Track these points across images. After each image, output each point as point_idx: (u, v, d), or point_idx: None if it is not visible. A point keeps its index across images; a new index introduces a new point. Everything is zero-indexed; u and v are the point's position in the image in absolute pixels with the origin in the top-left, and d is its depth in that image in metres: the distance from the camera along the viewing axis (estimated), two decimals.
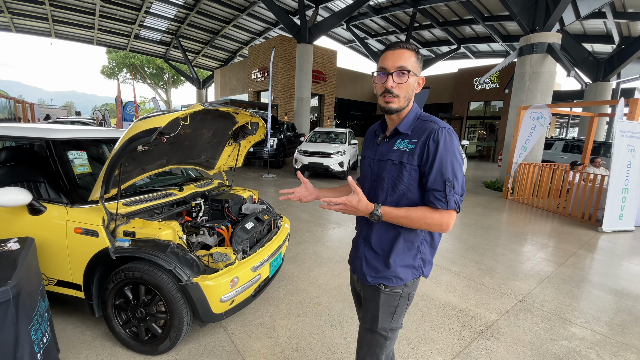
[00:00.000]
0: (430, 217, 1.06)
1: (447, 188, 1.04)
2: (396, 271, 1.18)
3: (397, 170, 1.12)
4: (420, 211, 1.07)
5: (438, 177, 1.05)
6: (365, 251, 1.25)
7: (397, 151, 1.13)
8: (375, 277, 1.21)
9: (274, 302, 2.68)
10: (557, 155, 11.56)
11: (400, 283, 1.19)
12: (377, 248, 1.21)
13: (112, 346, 2.05)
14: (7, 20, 17.65)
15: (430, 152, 1.05)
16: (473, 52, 19.18)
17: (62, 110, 29.28)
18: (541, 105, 7.24)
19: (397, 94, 1.09)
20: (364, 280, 1.24)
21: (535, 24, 7.98)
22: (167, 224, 2.00)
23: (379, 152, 1.21)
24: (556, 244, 4.58)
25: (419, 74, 1.13)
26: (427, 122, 1.12)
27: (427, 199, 1.09)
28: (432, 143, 1.05)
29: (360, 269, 1.26)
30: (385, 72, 1.09)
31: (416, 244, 1.18)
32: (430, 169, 1.05)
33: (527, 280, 3.32)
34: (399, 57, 1.07)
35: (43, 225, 2.02)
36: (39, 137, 2.23)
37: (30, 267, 1.63)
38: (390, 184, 1.14)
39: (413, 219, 1.07)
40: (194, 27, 19.62)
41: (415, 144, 1.09)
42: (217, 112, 2.35)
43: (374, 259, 1.22)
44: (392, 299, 1.20)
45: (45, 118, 15.84)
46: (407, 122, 1.15)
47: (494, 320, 2.56)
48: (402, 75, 1.07)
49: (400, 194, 1.13)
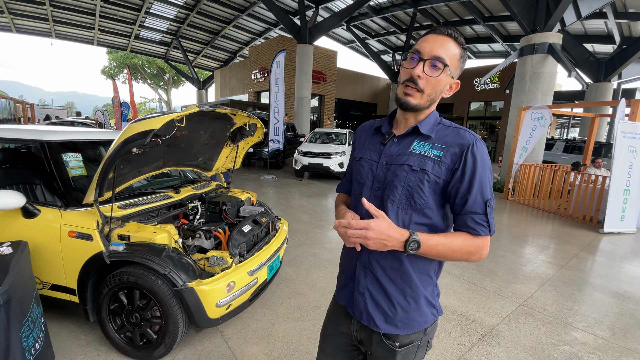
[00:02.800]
0: (472, 245, 0.87)
1: (487, 210, 0.87)
2: (414, 313, 0.95)
3: (416, 179, 0.89)
4: (460, 238, 0.87)
5: (479, 197, 0.86)
6: (368, 284, 0.97)
7: (417, 155, 0.91)
8: (385, 322, 0.95)
9: (271, 305, 2.65)
10: (558, 156, 11.53)
11: (419, 329, 0.96)
12: (386, 281, 0.95)
13: (107, 351, 2.02)
14: (7, 20, 17.65)
15: (468, 168, 0.86)
16: (473, 52, 19.15)
17: (63, 111, 29.31)
18: (542, 105, 7.21)
19: (421, 88, 0.88)
20: (371, 325, 0.97)
21: (536, 24, 7.94)
22: (163, 228, 1.98)
23: (387, 154, 0.96)
24: (557, 245, 4.54)
25: (456, 77, 0.92)
26: (455, 128, 0.93)
27: (462, 223, 0.88)
28: (470, 157, 0.86)
29: (364, 309, 0.98)
30: (418, 57, 0.87)
31: (432, 275, 0.97)
32: (469, 189, 0.86)
33: (528, 283, 3.29)
34: (441, 44, 0.87)
35: (37, 229, 1.99)
36: (33, 139, 2.20)
37: (23, 271, 1.60)
38: (404, 195, 0.91)
39: (455, 249, 0.86)
40: (194, 28, 19.61)
41: (444, 152, 0.89)
42: (214, 113, 2.33)
43: (382, 296, 0.96)
44: (409, 355, 0.97)
45: (45, 119, 15.84)
46: (429, 123, 0.94)
47: (494, 325, 2.53)
48: (436, 69, 0.87)
49: (416, 209, 0.91)
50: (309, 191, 7.55)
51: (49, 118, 16.20)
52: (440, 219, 0.93)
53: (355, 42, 19.21)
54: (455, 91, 0.94)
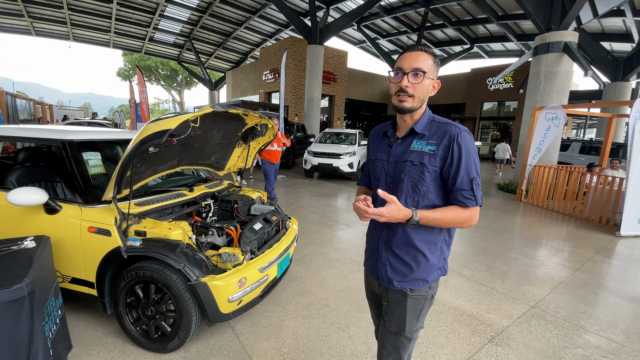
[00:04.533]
0: (463, 216, 1.12)
1: (474, 186, 1.10)
2: (422, 274, 1.20)
3: (417, 172, 1.13)
4: (453, 211, 1.11)
5: (465, 177, 1.09)
6: (388, 256, 1.24)
7: (416, 152, 1.14)
8: (401, 282, 1.21)
9: (281, 302, 2.69)
10: (574, 157, 11.26)
11: (426, 285, 1.21)
12: (401, 252, 1.21)
13: (123, 343, 2.09)
14: (27, 24, 18.26)
15: (455, 155, 1.09)
16: (486, 51, 18.88)
17: (80, 112, 30.12)
18: (556, 105, 7.06)
19: (411, 94, 1.11)
20: (389, 286, 1.24)
21: (551, 22, 7.79)
22: (177, 224, 2.04)
23: (394, 154, 1.20)
24: (572, 248, 4.45)
25: (435, 78, 1.15)
26: (444, 124, 1.15)
27: (454, 198, 1.12)
28: (455, 146, 1.09)
29: (385, 274, 1.25)
30: (401, 72, 1.11)
31: (439, 244, 1.21)
32: (457, 171, 1.10)
33: (541, 286, 3.24)
34: (416, 58, 1.10)
35: (58, 224, 2.08)
36: (55, 138, 2.30)
37: (45, 265, 1.68)
38: (410, 186, 1.15)
39: (449, 219, 1.11)
40: (206, 30, 19.91)
41: (436, 146, 1.12)
42: (226, 114, 2.38)
43: (399, 264, 1.22)
44: (418, 302, 1.22)
45: (63, 119, 16.33)
46: (422, 123, 1.17)
47: (505, 326, 2.51)
48: (418, 76, 1.09)
49: (421, 195, 1.15)
50: (319, 191, 7.58)
51: (66, 118, 16.70)
52: (440, 199, 1.16)
53: (365, 42, 19.17)
54: (438, 89, 1.18)
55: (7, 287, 1.29)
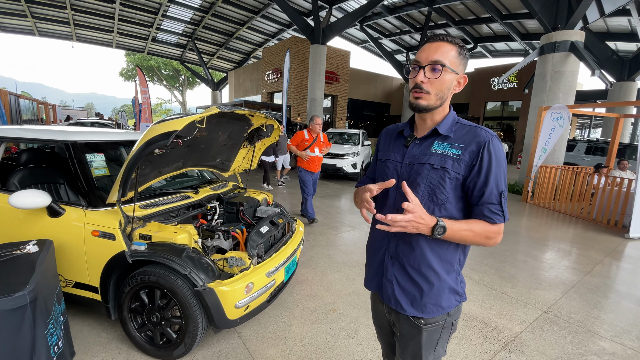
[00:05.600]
0: (490, 231, 0.97)
1: (502, 200, 0.97)
2: (436, 298, 1.03)
3: (437, 177, 0.98)
4: (480, 225, 0.96)
5: (494, 190, 0.96)
6: (395, 273, 1.07)
7: (438, 154, 1.00)
8: (412, 306, 1.05)
9: (288, 307, 2.64)
10: (580, 157, 11.16)
11: (442, 312, 1.04)
12: (411, 269, 1.04)
13: (127, 349, 2.04)
14: (30, 24, 18.27)
15: (484, 163, 0.95)
16: (490, 51, 18.75)
17: (83, 112, 30.21)
18: (560, 105, 6.99)
19: (427, 90, 0.98)
20: (398, 309, 1.07)
21: (557, 21, 7.70)
22: (183, 228, 1.99)
23: (410, 155, 1.05)
24: (580, 251, 4.38)
25: (461, 72, 1.00)
26: (472, 127, 1.01)
27: (479, 213, 0.98)
28: (485, 153, 0.95)
29: (391, 294, 1.08)
30: (418, 66, 0.98)
31: (454, 265, 1.05)
32: (486, 182, 0.96)
33: (552, 290, 3.17)
34: (435, 50, 0.96)
35: (62, 228, 2.04)
36: (59, 139, 2.25)
37: (48, 270, 1.63)
38: (427, 192, 1.00)
39: (475, 233, 0.96)
40: (209, 30, 19.88)
41: (462, 150, 0.97)
42: (232, 114, 2.33)
43: (408, 283, 1.05)
44: (434, 333, 1.06)
45: (66, 119, 16.34)
46: (446, 124, 1.03)
47: (517, 332, 2.44)
48: (435, 71, 0.96)
49: (438, 204, 0.99)
50: (322, 192, 7.52)
51: (70, 119, 16.71)
52: (458, 211, 1.01)
53: (368, 42, 19.09)
54: (464, 85, 1.02)
55: (8, 295, 1.24)
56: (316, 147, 4.65)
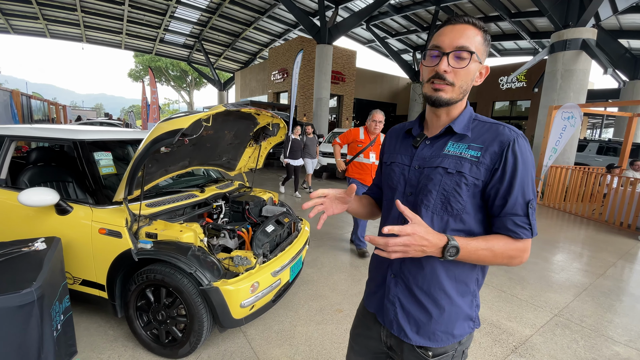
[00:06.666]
0: (514, 249, 0.81)
1: (529, 211, 0.81)
2: (446, 324, 0.88)
3: (452, 183, 0.83)
4: (502, 242, 0.81)
5: (520, 198, 0.80)
6: (398, 294, 0.92)
7: (453, 157, 0.85)
8: (417, 334, 0.89)
9: (293, 307, 2.62)
10: (591, 157, 10.95)
11: (452, 341, 0.89)
12: (419, 291, 0.89)
13: (133, 347, 2.05)
14: (42, 26, 18.62)
15: (509, 167, 0.80)
16: (498, 50, 18.54)
17: (92, 112, 30.66)
18: (572, 104, 6.86)
19: (451, 82, 0.82)
20: (401, 336, 0.91)
21: (568, 19, 7.57)
22: (189, 226, 1.98)
23: (419, 157, 0.91)
24: (592, 253, 4.28)
25: (484, 62, 0.85)
26: (493, 124, 0.86)
27: (502, 226, 0.82)
28: (510, 155, 0.80)
29: (393, 318, 0.93)
30: (440, 52, 0.82)
31: (471, 286, 0.90)
32: (510, 189, 0.80)
33: (563, 292, 3.10)
34: (460, 33, 0.80)
35: (69, 225, 2.05)
36: (67, 138, 2.27)
37: (55, 267, 1.64)
38: (440, 200, 0.85)
39: (496, 251, 0.80)
40: (216, 30, 20.02)
41: (481, 151, 0.82)
42: (239, 113, 2.32)
43: (413, 306, 0.90)
44: None
45: (77, 119, 16.60)
46: (462, 121, 0.87)
47: (528, 336, 2.39)
48: (462, 59, 0.81)
49: (453, 214, 0.84)
50: None
51: (80, 119, 16.98)
52: (477, 224, 0.86)
53: (375, 42, 19.02)
54: (485, 77, 0.88)
55: (16, 291, 1.24)
56: (372, 152, 3.60)
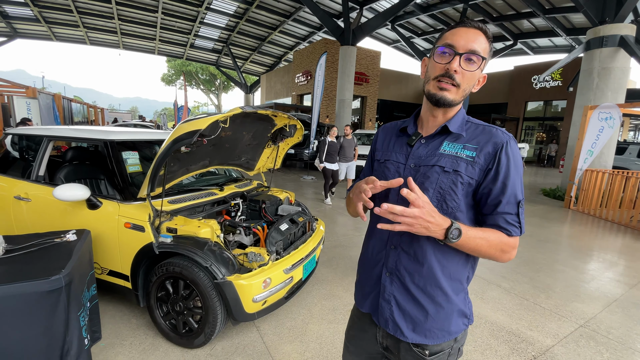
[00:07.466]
0: (506, 244, 0.85)
1: (519, 211, 0.86)
2: (442, 322, 0.91)
3: (448, 181, 0.87)
4: (496, 234, 0.85)
5: (511, 198, 0.85)
6: (394, 292, 0.94)
7: (449, 156, 0.88)
8: (413, 332, 0.92)
9: (306, 305, 2.66)
10: (631, 161, 10.21)
11: (448, 338, 0.92)
12: (415, 288, 0.91)
13: (153, 335, 2.17)
14: (82, 34, 19.95)
15: (502, 168, 0.84)
16: (531, 47, 17.70)
17: (128, 114, 32.45)
18: (610, 104, 6.43)
19: (458, 83, 0.84)
20: (397, 334, 0.94)
21: (604, 14, 7.12)
22: (207, 223, 2.08)
23: (415, 156, 0.93)
24: (628, 262, 4.01)
25: (483, 71, 0.90)
26: (486, 127, 0.90)
27: (494, 223, 0.86)
28: (503, 157, 0.84)
29: (389, 317, 0.95)
30: (453, 52, 0.83)
31: (464, 283, 0.94)
32: (503, 189, 0.84)
33: (591, 303, 2.93)
34: (475, 37, 0.83)
35: (99, 219, 2.21)
36: (98, 138, 2.45)
37: (84, 257, 1.77)
38: (436, 198, 0.88)
39: (491, 243, 0.84)
40: (243, 35, 20.58)
41: (476, 152, 0.86)
42: (256, 115, 2.40)
43: (410, 304, 0.92)
44: None
45: (113, 121, 17.65)
46: (457, 121, 0.91)
47: (549, 346, 2.28)
48: (472, 63, 0.84)
49: (448, 212, 0.87)
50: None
51: (116, 121, 18.05)
52: (469, 222, 0.90)
53: (400, 42, 18.77)
54: (482, 85, 0.92)
55: (45, 277, 1.37)
56: None
